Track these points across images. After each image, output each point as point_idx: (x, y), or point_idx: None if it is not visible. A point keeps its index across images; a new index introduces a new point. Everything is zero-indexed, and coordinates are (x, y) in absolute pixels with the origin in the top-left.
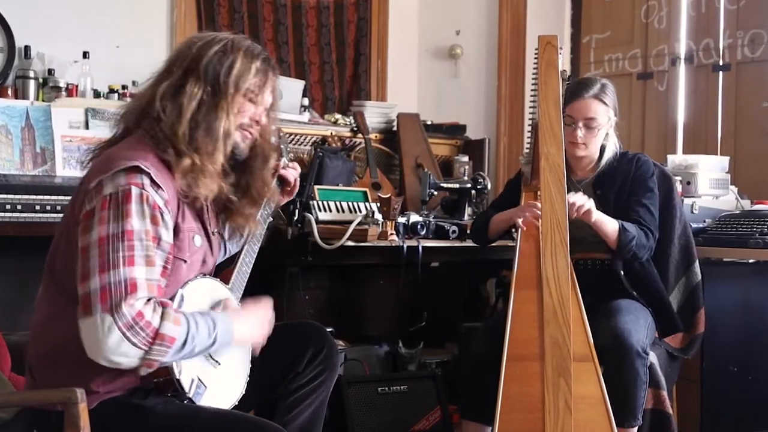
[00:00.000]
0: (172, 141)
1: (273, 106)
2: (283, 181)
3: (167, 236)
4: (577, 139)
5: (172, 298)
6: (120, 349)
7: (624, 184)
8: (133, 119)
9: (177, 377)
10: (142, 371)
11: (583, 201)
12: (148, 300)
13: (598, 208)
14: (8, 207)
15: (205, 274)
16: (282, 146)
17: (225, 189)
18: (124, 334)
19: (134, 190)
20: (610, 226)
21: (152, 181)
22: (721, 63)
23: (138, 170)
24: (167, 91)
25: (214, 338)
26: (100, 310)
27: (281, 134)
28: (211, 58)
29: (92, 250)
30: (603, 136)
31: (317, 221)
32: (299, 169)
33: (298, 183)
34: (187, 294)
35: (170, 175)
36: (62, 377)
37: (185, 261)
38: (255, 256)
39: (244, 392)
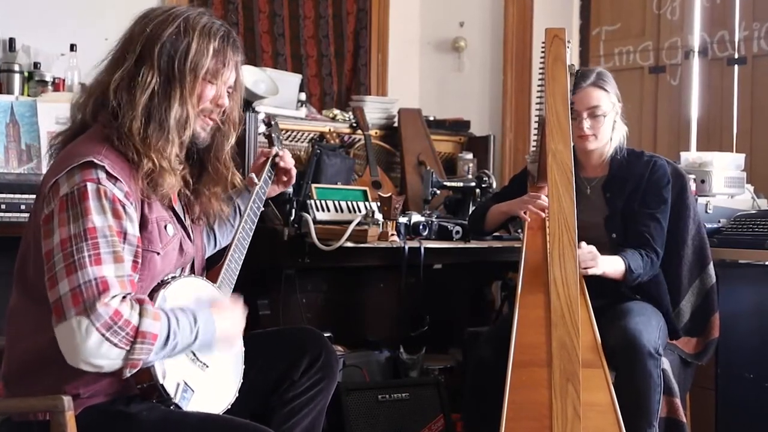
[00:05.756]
0: (130, 139)
1: (237, 84)
2: (276, 170)
3: (133, 229)
4: (585, 131)
5: (151, 297)
6: (100, 351)
7: (636, 190)
8: (89, 112)
9: (160, 382)
10: (126, 372)
11: (592, 260)
12: (124, 297)
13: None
14: None
15: (193, 272)
16: (274, 135)
17: (186, 177)
18: (103, 334)
19: (90, 186)
20: (616, 270)
21: (108, 174)
22: (736, 56)
23: (92, 165)
24: (121, 83)
25: (196, 333)
26: (74, 313)
27: (273, 122)
28: (165, 42)
29: (56, 254)
30: (610, 125)
31: (315, 221)
32: (291, 158)
33: (294, 171)
34: (170, 295)
35: (128, 165)
36: (40, 388)
37: (158, 253)
38: (245, 251)
39: (236, 396)
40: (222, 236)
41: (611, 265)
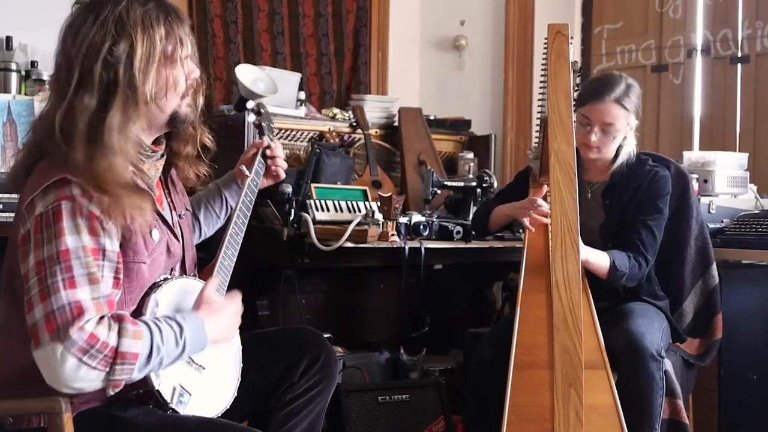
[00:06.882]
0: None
1: (193, 48)
2: (266, 161)
3: (112, 245)
4: (591, 142)
5: (143, 303)
6: (78, 375)
7: (633, 198)
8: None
9: (156, 388)
10: (109, 392)
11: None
12: (101, 319)
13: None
14: None
15: (184, 271)
16: (264, 124)
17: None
18: (79, 359)
19: (65, 205)
20: (600, 264)
21: (83, 190)
22: (739, 55)
23: (66, 182)
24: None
25: (183, 345)
26: (48, 339)
27: (263, 110)
28: (127, 64)
29: (31, 278)
30: (620, 140)
31: (314, 221)
32: (281, 149)
33: (283, 164)
34: (162, 298)
35: None
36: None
37: (145, 263)
38: (239, 247)
39: (235, 397)
40: (207, 227)
41: (595, 255)
